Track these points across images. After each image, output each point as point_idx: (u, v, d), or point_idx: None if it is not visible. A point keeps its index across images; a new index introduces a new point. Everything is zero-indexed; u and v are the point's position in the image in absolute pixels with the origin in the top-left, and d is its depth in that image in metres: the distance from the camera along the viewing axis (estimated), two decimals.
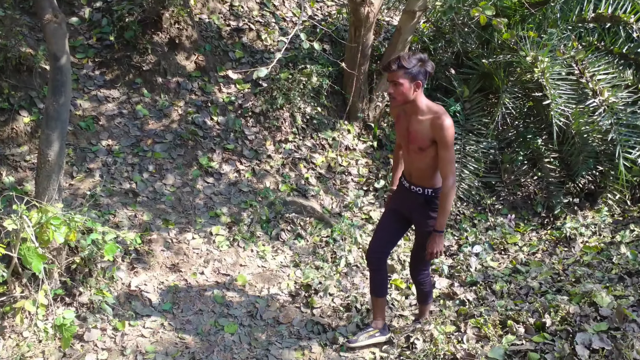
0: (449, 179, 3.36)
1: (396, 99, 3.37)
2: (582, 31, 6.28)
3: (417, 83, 3.30)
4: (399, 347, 4.05)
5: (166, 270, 4.67)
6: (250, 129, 5.99)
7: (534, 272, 4.82)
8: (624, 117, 5.57)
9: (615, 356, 3.22)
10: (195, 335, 4.11)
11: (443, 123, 3.26)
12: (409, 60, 3.27)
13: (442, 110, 3.34)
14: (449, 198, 3.40)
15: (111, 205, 4.96)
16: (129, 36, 5.78)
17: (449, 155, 3.32)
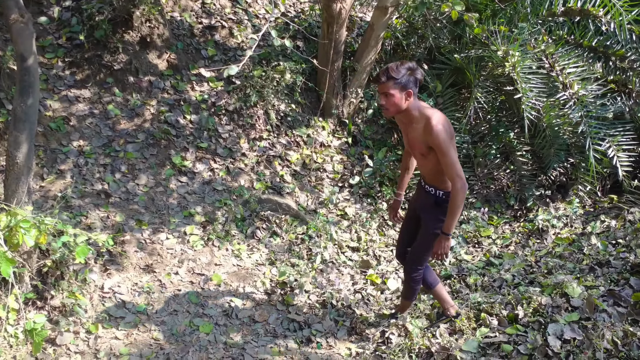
0: (456, 182, 3.27)
1: (389, 110, 3.36)
2: (552, 25, 6.35)
3: (407, 92, 3.28)
4: (375, 341, 4.08)
5: (140, 271, 4.64)
6: (223, 127, 5.96)
7: (507, 265, 4.87)
8: (593, 109, 5.65)
9: (586, 346, 3.27)
10: (170, 336, 4.09)
11: (433, 128, 3.22)
12: (397, 70, 3.25)
13: (432, 114, 3.29)
14: (456, 201, 3.32)
15: (83, 207, 4.90)
16: (100, 35, 5.71)
17: (447, 158, 3.25)
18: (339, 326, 4.32)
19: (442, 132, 3.22)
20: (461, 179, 3.27)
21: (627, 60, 6.23)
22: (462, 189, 3.28)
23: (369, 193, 6.21)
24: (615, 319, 3.49)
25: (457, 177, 3.27)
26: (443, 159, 3.27)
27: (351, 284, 4.97)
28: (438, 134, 3.21)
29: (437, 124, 3.23)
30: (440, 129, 3.22)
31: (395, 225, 5.91)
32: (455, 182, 3.28)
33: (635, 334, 3.21)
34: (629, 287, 3.76)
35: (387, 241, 5.68)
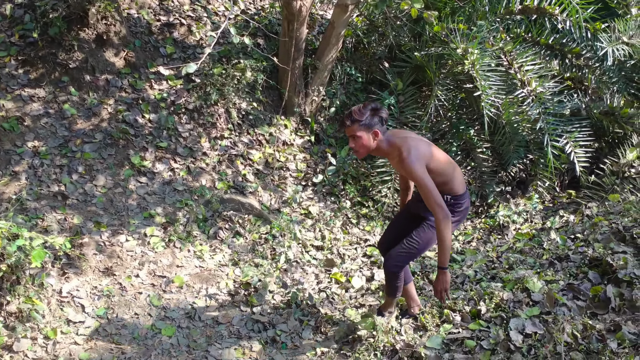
0: (437, 213, 3.20)
1: (359, 152, 3.36)
2: (510, 23, 6.43)
3: (374, 132, 3.29)
4: (340, 340, 4.06)
5: (99, 274, 4.53)
6: (184, 126, 5.87)
7: (469, 261, 4.92)
8: (551, 106, 5.74)
9: (547, 340, 3.31)
10: (132, 340, 4.01)
11: (403, 161, 3.22)
12: (360, 112, 3.27)
13: (402, 145, 3.27)
14: (442, 233, 3.24)
15: (39, 209, 4.76)
16: (54, 33, 5.55)
17: (423, 188, 3.20)
18: (303, 326, 4.30)
19: (413, 163, 3.20)
20: (442, 209, 3.20)
21: (583, 58, 6.36)
22: (445, 219, 3.20)
23: (332, 191, 6.20)
24: (575, 313, 3.55)
25: (437, 207, 3.20)
26: (419, 189, 3.24)
27: (316, 283, 4.95)
28: (409, 164, 3.20)
29: (407, 155, 3.21)
30: (412, 159, 3.20)
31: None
32: (437, 213, 3.21)
33: (594, 327, 3.27)
34: (588, 281, 3.83)
35: (351, 239, 5.68)
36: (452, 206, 3.48)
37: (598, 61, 6.30)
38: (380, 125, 3.31)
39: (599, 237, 4.39)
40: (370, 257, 5.36)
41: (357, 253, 5.46)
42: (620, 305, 3.46)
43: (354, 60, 6.97)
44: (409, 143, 3.28)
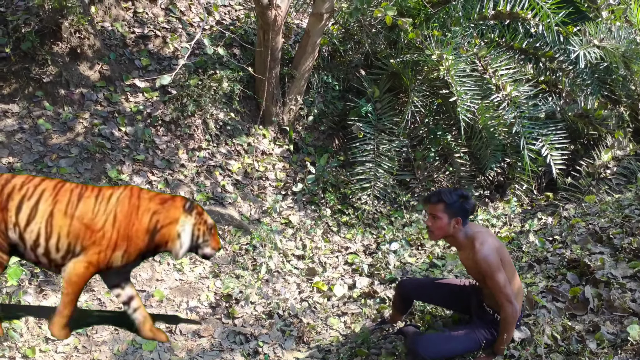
0: (506, 307, 3.14)
1: (433, 233, 3.25)
2: (483, 28, 6.51)
3: (457, 220, 3.18)
4: (323, 351, 4.05)
5: None
6: (161, 138, 5.83)
7: (450, 265, 4.94)
8: (526, 110, 5.81)
9: (527, 342, 3.33)
10: (112, 356, 3.95)
11: (477, 255, 3.13)
12: (450, 195, 3.17)
13: (477, 238, 3.19)
14: (506, 327, 3.19)
15: None
16: (27, 47, 5.49)
17: (494, 282, 3.12)
18: (286, 336, 4.28)
19: (488, 257, 3.12)
20: (511, 305, 3.14)
21: (556, 61, 6.45)
22: (512, 315, 3.16)
23: (312, 200, 6.20)
24: (554, 314, 3.57)
25: (506, 302, 3.13)
26: (490, 282, 3.16)
27: (297, 292, 4.93)
28: (484, 259, 3.11)
29: (481, 249, 3.13)
30: (486, 253, 3.12)
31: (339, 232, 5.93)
32: (505, 307, 3.15)
33: (573, 328, 3.30)
34: (566, 282, 3.87)
35: (332, 247, 5.67)
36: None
37: (571, 64, 6.40)
38: (465, 216, 3.21)
39: (576, 239, 4.43)
40: (351, 264, 5.36)
41: (339, 261, 5.46)
42: (599, 306, 3.49)
43: (330, 69, 6.99)
44: (486, 237, 3.21)
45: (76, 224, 2.49)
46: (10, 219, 2.46)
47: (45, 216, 2.47)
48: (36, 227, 2.47)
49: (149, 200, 2.63)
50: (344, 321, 4.41)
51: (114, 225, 2.53)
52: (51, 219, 2.47)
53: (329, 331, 4.36)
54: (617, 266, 3.77)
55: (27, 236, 2.47)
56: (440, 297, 3.76)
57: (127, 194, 2.60)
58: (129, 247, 2.57)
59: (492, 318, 3.43)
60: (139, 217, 2.58)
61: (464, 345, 3.43)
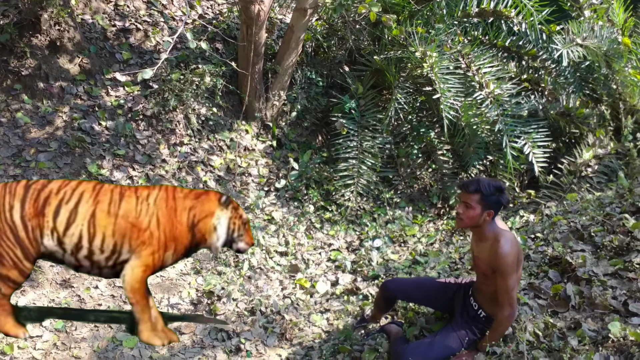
0: (505, 309, 3.16)
1: (463, 221, 3.20)
2: (467, 26, 6.52)
3: (489, 212, 3.14)
4: (305, 347, 4.03)
5: (56, 286, 4.40)
6: (142, 132, 5.76)
7: (432, 262, 4.94)
8: (509, 108, 5.83)
9: (509, 339, 3.34)
10: (92, 353, 3.90)
11: (498, 250, 3.09)
12: (488, 186, 3.10)
13: (503, 235, 3.16)
14: (500, 329, 3.23)
15: None
16: (5, 39, 5.38)
17: (505, 283, 3.11)
18: (268, 333, 4.26)
19: (508, 255, 3.09)
20: (512, 308, 3.15)
21: (539, 60, 6.49)
22: (509, 317, 3.18)
23: (295, 196, 6.17)
24: (537, 312, 3.58)
25: (507, 305, 3.15)
26: (501, 282, 3.13)
27: (280, 289, 4.90)
28: (504, 256, 3.08)
29: (504, 245, 3.10)
30: (508, 251, 3.09)
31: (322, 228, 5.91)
32: (504, 309, 3.17)
33: (555, 325, 3.31)
34: (548, 280, 3.88)
35: (315, 244, 5.65)
36: (482, 324, 3.44)
37: (554, 63, 6.43)
38: (497, 208, 3.16)
39: (558, 236, 4.45)
40: (334, 261, 5.34)
41: (322, 258, 5.44)
42: (580, 303, 3.51)
43: (314, 65, 6.96)
44: (511, 238, 3.18)
45: (121, 223, 2.47)
46: (47, 225, 2.42)
47: (87, 217, 2.44)
48: (77, 229, 2.44)
49: (184, 199, 2.64)
50: (327, 318, 4.40)
51: (159, 228, 2.54)
52: (93, 219, 2.45)
53: (311, 328, 4.34)
54: (598, 264, 3.80)
55: (67, 240, 2.45)
56: (424, 296, 3.77)
57: (163, 195, 2.61)
58: (177, 247, 2.60)
59: (475, 314, 3.45)
60: (177, 217, 2.60)
61: (448, 348, 3.44)
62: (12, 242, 2.40)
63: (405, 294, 3.82)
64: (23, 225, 2.41)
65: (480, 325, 3.44)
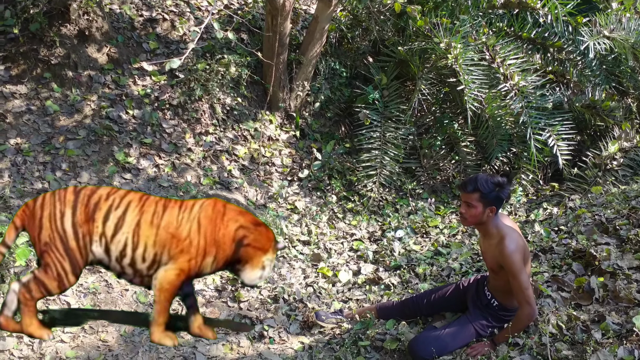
0: (524, 308, 3.19)
1: (467, 220, 3.26)
2: (492, 17, 6.48)
3: (491, 209, 3.18)
4: (327, 334, 4.08)
5: (85, 271, 4.49)
6: (168, 122, 5.84)
7: (454, 254, 4.96)
8: (533, 100, 5.80)
9: (532, 331, 3.36)
10: (119, 337, 3.99)
11: (504, 249, 3.14)
12: (486, 184, 3.14)
13: (508, 234, 3.20)
14: (518, 326, 3.26)
15: None
16: (35, 29, 5.48)
17: (518, 282, 3.15)
18: (291, 320, 4.31)
19: (514, 254, 3.12)
20: (530, 307, 3.18)
21: (564, 52, 6.43)
22: (529, 316, 3.21)
23: (318, 186, 6.21)
24: (560, 304, 3.59)
25: (526, 304, 3.18)
26: (513, 281, 3.17)
27: (302, 277, 4.96)
28: (510, 255, 3.12)
29: (510, 245, 3.14)
30: (513, 250, 3.13)
31: (344, 218, 5.95)
32: (523, 308, 3.20)
33: (578, 318, 3.32)
34: (572, 272, 3.88)
35: (337, 234, 5.69)
36: (498, 311, 3.48)
37: (580, 55, 6.37)
38: (499, 204, 3.20)
39: (582, 229, 4.44)
40: (356, 251, 5.38)
41: (344, 247, 5.48)
42: (604, 296, 3.51)
43: (338, 55, 6.97)
44: (517, 235, 3.22)
45: (162, 234, 2.50)
46: (97, 230, 2.46)
47: (133, 226, 2.48)
48: (123, 237, 2.47)
49: (237, 213, 2.64)
50: (349, 307, 4.44)
51: (199, 231, 2.54)
52: (138, 229, 2.48)
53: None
54: (623, 257, 3.79)
55: (114, 247, 2.48)
56: (440, 307, 3.85)
57: (211, 202, 2.62)
58: (218, 253, 2.59)
59: (488, 302, 3.51)
60: (224, 222, 2.59)
61: (461, 340, 3.51)
62: (61, 253, 2.43)
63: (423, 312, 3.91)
64: (74, 232, 2.44)
65: (493, 313, 3.50)
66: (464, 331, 3.52)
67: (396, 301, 4.07)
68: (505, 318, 3.49)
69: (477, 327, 3.51)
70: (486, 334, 3.51)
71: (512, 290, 3.26)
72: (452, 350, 3.50)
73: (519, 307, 3.25)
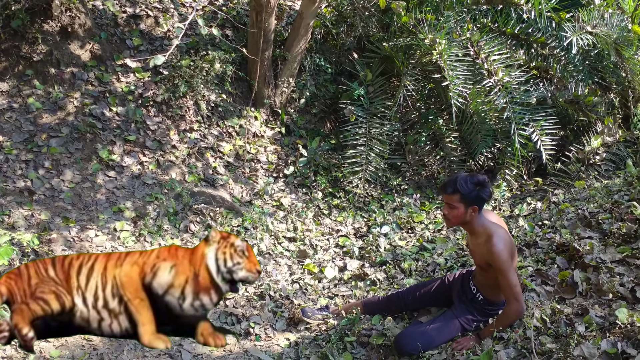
0: (512, 304, 3.22)
1: (450, 221, 3.26)
2: (476, 13, 6.50)
3: (473, 208, 3.17)
4: (314, 331, 4.09)
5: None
6: (152, 118, 5.80)
7: (439, 249, 4.98)
8: (517, 95, 5.82)
9: (517, 325, 3.37)
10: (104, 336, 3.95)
11: (492, 248, 3.14)
12: (465, 185, 3.13)
13: (495, 232, 3.19)
14: (505, 320, 3.29)
15: (5, 206, 4.67)
16: (17, 25, 5.42)
17: (506, 279, 3.16)
18: (277, 317, 4.31)
19: (502, 252, 3.13)
20: (519, 303, 3.20)
21: (548, 47, 6.47)
22: (516, 312, 3.23)
23: (304, 183, 6.21)
24: (544, 298, 3.62)
25: (514, 300, 3.20)
26: (501, 279, 3.18)
27: (289, 274, 4.96)
28: (498, 254, 3.13)
29: (497, 243, 3.14)
30: (501, 248, 3.13)
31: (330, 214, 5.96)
32: (511, 304, 3.22)
33: (562, 312, 3.34)
34: (555, 267, 3.91)
35: (323, 230, 5.70)
36: (483, 305, 3.50)
37: (563, 50, 6.41)
38: (482, 203, 3.20)
39: (565, 224, 4.48)
40: (342, 247, 5.39)
41: (330, 244, 5.49)
42: (587, 290, 3.54)
43: (323, 52, 6.96)
44: (503, 233, 3.23)
45: (124, 269, 2.64)
46: (74, 284, 2.63)
47: (101, 271, 2.63)
48: (94, 282, 2.62)
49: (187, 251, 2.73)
50: (335, 303, 4.44)
51: (153, 253, 2.68)
52: (105, 271, 2.63)
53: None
54: (605, 251, 3.82)
55: (89, 294, 2.62)
56: (426, 302, 3.86)
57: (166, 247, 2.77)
58: (178, 266, 2.62)
59: (473, 296, 3.52)
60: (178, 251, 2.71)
61: (446, 334, 3.52)
62: (52, 284, 2.61)
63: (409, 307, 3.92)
64: (58, 278, 2.63)
65: (478, 307, 3.52)
66: (450, 326, 3.54)
67: (382, 297, 4.08)
68: (490, 312, 3.52)
69: (463, 321, 3.53)
70: (471, 328, 3.53)
71: (498, 286, 3.29)
72: (438, 345, 3.52)
73: (507, 303, 3.28)
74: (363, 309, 4.02)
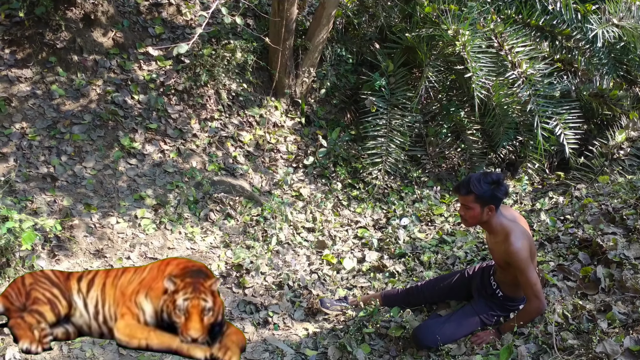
0: (532, 302, 3.19)
1: (467, 221, 3.24)
2: (500, 4, 6.41)
3: (489, 207, 3.13)
4: (332, 321, 4.09)
5: (90, 256, 4.51)
6: (173, 107, 5.82)
7: (459, 242, 4.95)
8: (541, 88, 5.75)
9: (538, 320, 3.35)
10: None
11: (509, 247, 3.11)
12: (479, 185, 3.08)
13: (512, 230, 3.16)
14: (526, 316, 3.27)
15: (28, 191, 4.72)
16: (40, 12, 5.46)
17: (525, 277, 3.13)
18: (295, 307, 4.32)
19: (520, 251, 3.10)
20: (539, 301, 3.18)
21: (573, 40, 6.37)
22: (537, 310, 3.21)
23: (323, 173, 6.20)
24: (565, 293, 3.59)
25: (534, 298, 3.18)
26: (521, 277, 3.16)
27: (307, 264, 4.96)
28: (517, 252, 3.10)
29: (515, 242, 3.11)
30: (519, 247, 3.10)
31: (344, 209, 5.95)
32: (532, 302, 3.20)
33: (584, 307, 3.31)
34: (578, 262, 3.87)
35: (342, 221, 5.69)
36: (503, 301, 3.49)
37: (588, 43, 6.30)
38: (498, 202, 3.15)
39: (588, 219, 4.42)
40: (361, 238, 5.38)
41: (348, 235, 5.48)
42: (610, 286, 3.50)
43: (344, 42, 6.93)
44: (521, 231, 3.19)
45: (118, 293, 2.64)
46: (74, 287, 2.67)
47: (100, 286, 2.67)
48: (95, 294, 2.65)
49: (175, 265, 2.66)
50: (353, 294, 4.44)
51: (139, 279, 2.66)
52: (104, 288, 2.66)
53: None
54: (629, 247, 3.77)
55: (90, 302, 2.65)
56: (445, 295, 3.86)
57: (159, 262, 2.72)
58: (150, 291, 2.58)
59: (493, 292, 3.50)
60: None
61: (465, 328, 3.51)
62: (48, 285, 2.62)
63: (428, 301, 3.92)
64: (58, 280, 2.66)
65: (498, 303, 3.50)
66: (469, 320, 3.52)
67: (401, 289, 4.07)
68: (511, 308, 3.49)
69: (482, 316, 3.51)
70: (491, 322, 3.51)
71: (518, 284, 3.26)
72: (457, 339, 3.50)
73: (528, 301, 3.25)
74: (382, 301, 4.01)
